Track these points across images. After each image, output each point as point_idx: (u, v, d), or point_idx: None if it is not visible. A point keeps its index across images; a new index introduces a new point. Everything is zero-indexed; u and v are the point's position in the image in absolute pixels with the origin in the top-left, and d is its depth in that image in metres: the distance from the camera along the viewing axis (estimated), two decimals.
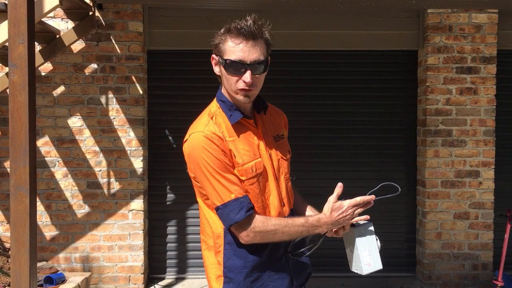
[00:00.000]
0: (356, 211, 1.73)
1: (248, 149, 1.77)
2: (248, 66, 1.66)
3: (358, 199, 1.74)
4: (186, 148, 1.75)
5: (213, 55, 1.77)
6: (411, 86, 4.88)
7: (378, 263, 1.77)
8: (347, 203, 1.73)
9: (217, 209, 1.71)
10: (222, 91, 1.83)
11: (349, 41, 4.73)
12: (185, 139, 1.77)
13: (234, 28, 1.65)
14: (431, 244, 4.65)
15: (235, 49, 1.66)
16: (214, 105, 1.83)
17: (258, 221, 1.69)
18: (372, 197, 1.75)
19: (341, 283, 4.67)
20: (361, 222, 1.78)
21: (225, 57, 1.68)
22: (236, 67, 1.67)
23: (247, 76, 1.67)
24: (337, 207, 1.73)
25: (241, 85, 1.69)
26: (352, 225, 1.77)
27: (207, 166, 1.67)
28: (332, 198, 1.76)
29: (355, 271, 1.79)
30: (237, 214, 1.66)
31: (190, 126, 1.80)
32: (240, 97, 1.73)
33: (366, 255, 1.75)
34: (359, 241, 1.76)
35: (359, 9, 4.57)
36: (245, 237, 1.70)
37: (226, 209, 1.68)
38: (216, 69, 1.79)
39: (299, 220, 1.73)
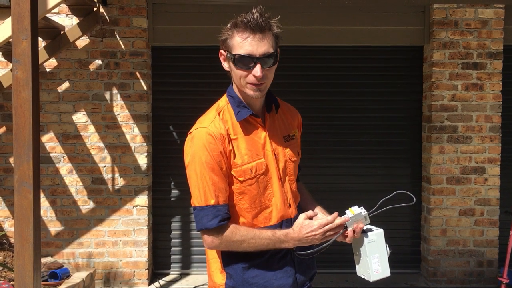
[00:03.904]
0: (328, 234, 1.69)
1: (251, 148, 1.75)
2: (257, 60, 1.63)
3: (330, 218, 1.69)
4: (188, 140, 1.74)
5: (221, 51, 1.74)
6: (416, 81, 4.85)
7: (387, 270, 1.75)
8: (317, 222, 1.69)
9: (194, 209, 1.71)
10: (233, 87, 1.81)
11: (354, 36, 4.70)
12: (189, 131, 1.76)
13: (241, 22, 1.62)
14: (436, 240, 4.63)
15: (243, 43, 1.62)
16: (223, 100, 1.82)
17: (228, 231, 1.68)
18: (346, 219, 1.69)
19: (346, 279, 4.67)
20: (373, 229, 1.76)
21: (234, 52, 1.65)
22: (245, 61, 1.64)
23: (257, 70, 1.63)
24: (306, 225, 1.69)
25: (251, 79, 1.66)
26: (363, 231, 1.74)
27: (201, 163, 1.67)
28: (303, 215, 1.73)
29: (363, 277, 1.77)
30: (210, 221, 1.66)
31: (197, 120, 1.79)
32: (250, 91, 1.69)
33: (375, 262, 1.73)
34: (369, 248, 1.73)
35: (364, 4, 4.54)
36: (210, 242, 1.70)
37: (202, 212, 1.68)
38: (225, 65, 1.76)
39: (266, 233, 1.70)
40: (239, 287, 1.76)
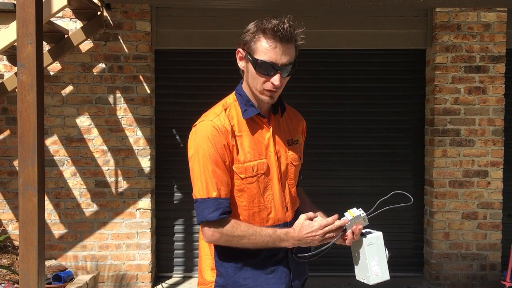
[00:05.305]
0: (327, 235, 1.69)
1: (254, 147, 1.76)
2: (278, 68, 1.67)
3: (330, 220, 1.70)
4: (192, 133, 1.76)
5: (240, 49, 1.74)
6: (419, 85, 4.85)
7: (386, 273, 1.75)
8: (317, 224, 1.69)
9: (195, 201, 1.71)
10: (243, 85, 1.82)
11: (357, 40, 4.71)
12: (194, 124, 1.77)
13: (270, 30, 1.64)
14: (439, 244, 4.63)
15: (269, 50, 1.65)
16: (231, 97, 1.84)
17: (228, 225, 1.68)
18: (345, 221, 1.70)
19: (348, 283, 4.67)
20: (372, 231, 1.76)
21: (256, 57, 1.67)
22: (267, 68, 1.66)
23: (276, 78, 1.67)
24: (306, 225, 1.70)
25: (268, 86, 1.69)
26: (362, 234, 1.75)
27: (204, 156, 1.68)
28: (303, 215, 1.74)
29: (362, 281, 1.77)
30: (211, 213, 1.66)
31: (203, 114, 1.81)
32: (265, 97, 1.72)
33: (375, 265, 1.73)
34: (368, 251, 1.74)
35: (366, 8, 4.55)
36: (210, 236, 1.69)
37: (203, 205, 1.68)
38: (241, 64, 1.77)
39: (267, 231, 1.70)
40: (229, 286, 1.76)
